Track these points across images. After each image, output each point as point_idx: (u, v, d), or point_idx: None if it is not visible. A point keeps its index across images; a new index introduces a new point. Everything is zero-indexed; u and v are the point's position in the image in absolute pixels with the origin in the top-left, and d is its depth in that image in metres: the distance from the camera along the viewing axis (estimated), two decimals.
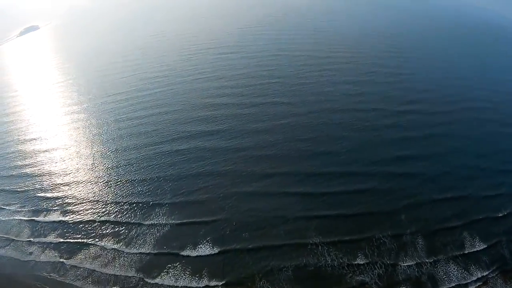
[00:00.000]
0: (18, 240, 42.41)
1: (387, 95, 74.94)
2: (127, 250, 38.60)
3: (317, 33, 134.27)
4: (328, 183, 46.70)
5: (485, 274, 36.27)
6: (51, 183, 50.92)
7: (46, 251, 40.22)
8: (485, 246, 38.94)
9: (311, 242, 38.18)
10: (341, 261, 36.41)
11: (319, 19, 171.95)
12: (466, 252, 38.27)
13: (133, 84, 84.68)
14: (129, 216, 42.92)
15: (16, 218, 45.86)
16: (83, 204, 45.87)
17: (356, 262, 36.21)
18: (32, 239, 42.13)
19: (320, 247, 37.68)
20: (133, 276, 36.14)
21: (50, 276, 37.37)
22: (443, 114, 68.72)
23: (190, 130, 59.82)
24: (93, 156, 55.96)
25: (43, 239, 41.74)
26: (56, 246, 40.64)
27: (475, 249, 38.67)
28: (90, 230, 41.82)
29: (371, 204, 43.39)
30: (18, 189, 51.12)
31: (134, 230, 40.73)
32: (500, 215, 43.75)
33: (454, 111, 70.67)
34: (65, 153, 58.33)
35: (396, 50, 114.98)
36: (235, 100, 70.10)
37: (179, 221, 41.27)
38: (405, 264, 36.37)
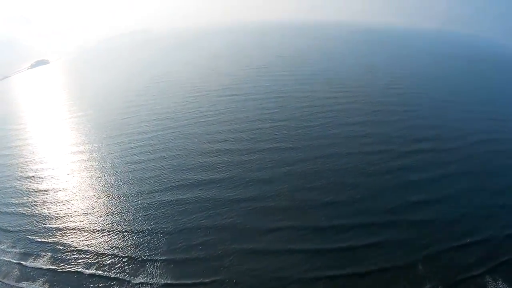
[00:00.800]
0: (4, 282, 39.71)
1: (394, 134, 72.78)
2: None
3: (319, 73, 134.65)
4: (337, 237, 43.00)
5: None
6: (44, 226, 48.53)
7: None
8: None
9: None
10: None
11: (321, 59, 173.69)
12: None
13: (135, 125, 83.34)
14: (119, 271, 39.45)
15: (5, 259, 43.36)
16: (73, 253, 42.90)
17: None
18: (18, 283, 39.22)
19: None
20: None
21: None
22: (454, 151, 66.32)
23: (189, 177, 56.85)
24: (88, 201, 53.27)
25: (29, 285, 38.74)
26: None
27: None
28: (76, 283, 38.51)
29: (385, 259, 39.54)
30: (10, 228, 49.08)
31: None
32: None
33: (464, 146, 68.45)
34: (61, 195, 55.91)
35: (398, 86, 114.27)
36: (237, 146, 67.66)
37: (173, 281, 37.46)
38: None
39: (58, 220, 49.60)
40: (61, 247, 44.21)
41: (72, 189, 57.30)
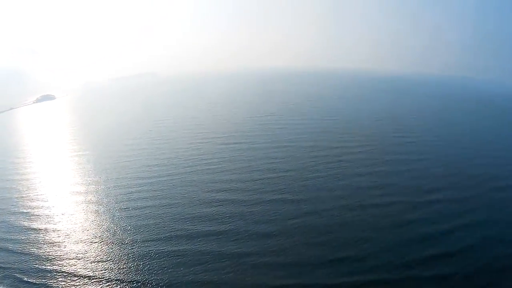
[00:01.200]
0: None
1: (406, 184, 70.00)
2: None
3: (326, 121, 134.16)
4: None
5: None
6: (33, 266, 45.84)
7: None
8: None
9: None
10: None
11: (328, 106, 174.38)
12: None
13: (134, 169, 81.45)
14: None
15: None
16: None
17: None
18: None
19: None
20: None
21: None
22: (469, 200, 63.15)
23: (188, 228, 53.59)
24: (80, 245, 50.51)
25: None
26: None
27: None
28: None
29: None
30: None
31: None
32: None
33: (480, 195, 65.39)
34: (53, 236, 53.36)
35: (408, 134, 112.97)
36: (240, 196, 64.61)
37: None
38: None
39: (48, 262, 46.93)
40: None
41: (65, 231, 54.88)
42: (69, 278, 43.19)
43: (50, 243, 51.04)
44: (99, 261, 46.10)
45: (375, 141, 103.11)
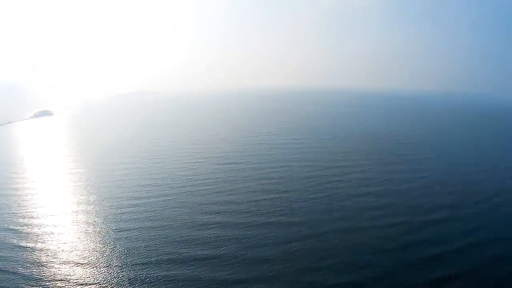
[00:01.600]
0: None
1: (408, 204, 67.84)
2: None
3: (324, 140, 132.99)
4: None
5: None
6: (18, 286, 43.62)
7: None
8: None
9: None
10: None
11: (325, 125, 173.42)
12: None
13: (128, 189, 79.38)
14: None
15: None
16: None
17: None
18: None
19: None
20: None
21: None
22: (476, 216, 61.22)
23: (181, 252, 50.95)
24: (67, 266, 48.01)
25: None
26: None
27: None
28: None
29: None
30: None
31: None
32: None
33: (487, 211, 63.65)
34: (40, 256, 50.98)
35: (408, 152, 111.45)
36: (235, 219, 62.10)
37: None
38: None
39: (34, 282, 44.60)
40: None
41: (53, 251, 52.64)
42: None
43: (37, 262, 48.82)
44: (86, 284, 43.65)
45: (375, 160, 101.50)
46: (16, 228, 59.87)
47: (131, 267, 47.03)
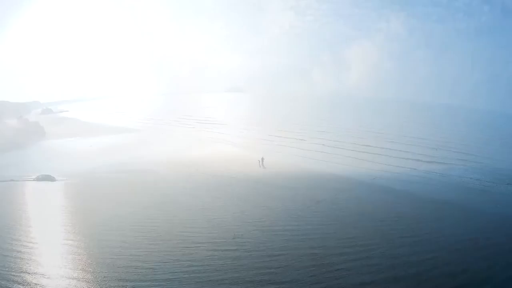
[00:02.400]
0: None
1: None
2: None
3: (321, 224, 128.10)
4: None
5: None
6: None
7: None
8: None
9: None
10: None
11: (324, 211, 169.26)
12: None
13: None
14: None
15: None
16: None
17: None
18: None
19: None
20: None
21: None
22: None
23: None
24: None
25: None
26: None
27: None
28: None
29: None
30: None
31: None
32: None
33: None
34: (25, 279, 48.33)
35: (411, 234, 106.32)
36: None
37: None
38: None
39: None
40: None
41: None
42: None
43: None
44: None
45: (377, 244, 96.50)
46: None
47: None
